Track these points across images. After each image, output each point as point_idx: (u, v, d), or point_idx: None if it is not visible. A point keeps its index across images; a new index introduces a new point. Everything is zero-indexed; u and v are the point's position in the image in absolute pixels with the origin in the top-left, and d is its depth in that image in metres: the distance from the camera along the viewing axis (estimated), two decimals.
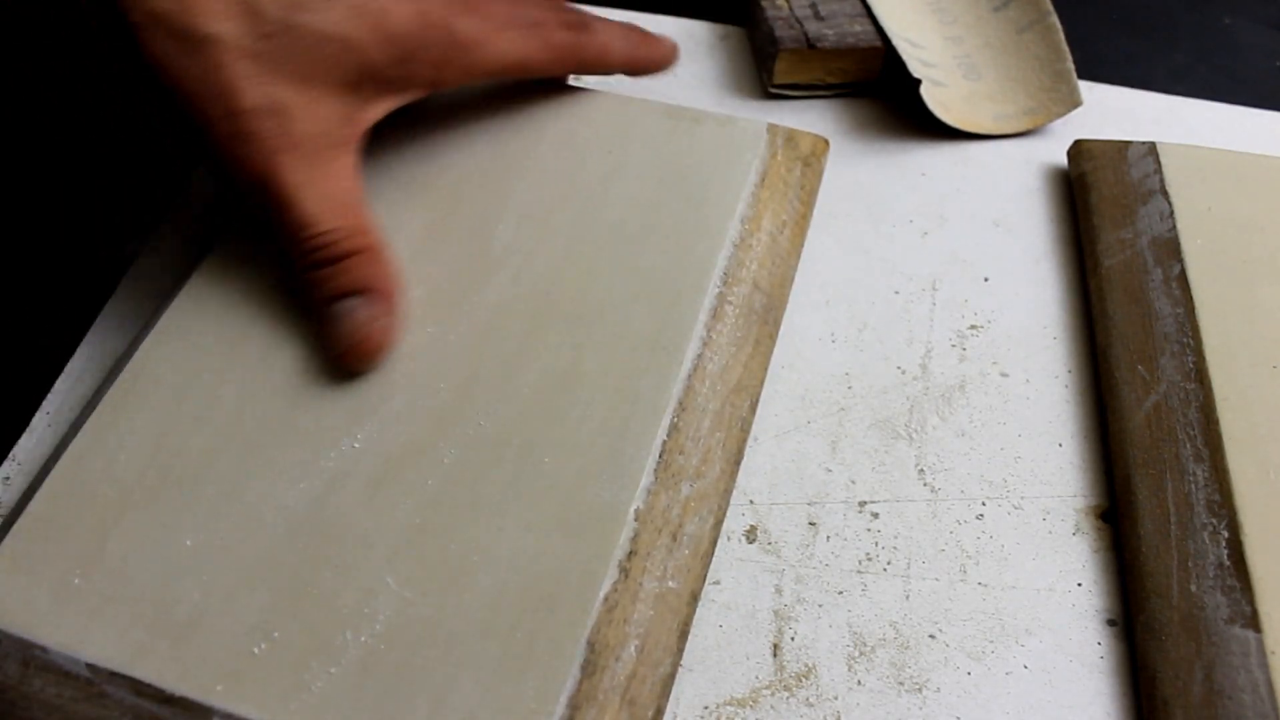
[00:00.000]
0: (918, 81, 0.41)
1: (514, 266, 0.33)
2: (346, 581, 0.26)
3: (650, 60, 0.38)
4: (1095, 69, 0.46)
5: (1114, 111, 0.45)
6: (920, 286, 0.38)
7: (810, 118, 0.44)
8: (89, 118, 0.42)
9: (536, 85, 0.39)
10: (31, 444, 0.31)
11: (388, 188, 0.35)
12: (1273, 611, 0.26)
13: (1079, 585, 0.30)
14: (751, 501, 0.31)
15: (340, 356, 0.30)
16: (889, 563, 0.30)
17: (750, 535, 0.31)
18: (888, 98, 0.44)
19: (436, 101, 0.38)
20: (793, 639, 0.29)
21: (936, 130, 0.42)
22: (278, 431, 0.29)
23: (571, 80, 0.40)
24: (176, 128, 0.30)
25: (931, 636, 0.29)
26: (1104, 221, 0.38)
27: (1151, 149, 0.39)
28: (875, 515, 0.31)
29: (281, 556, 0.26)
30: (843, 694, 0.27)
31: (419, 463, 0.28)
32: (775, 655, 0.28)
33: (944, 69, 0.44)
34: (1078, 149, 0.41)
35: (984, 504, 0.32)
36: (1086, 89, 0.44)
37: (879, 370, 0.35)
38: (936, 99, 0.42)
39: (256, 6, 0.28)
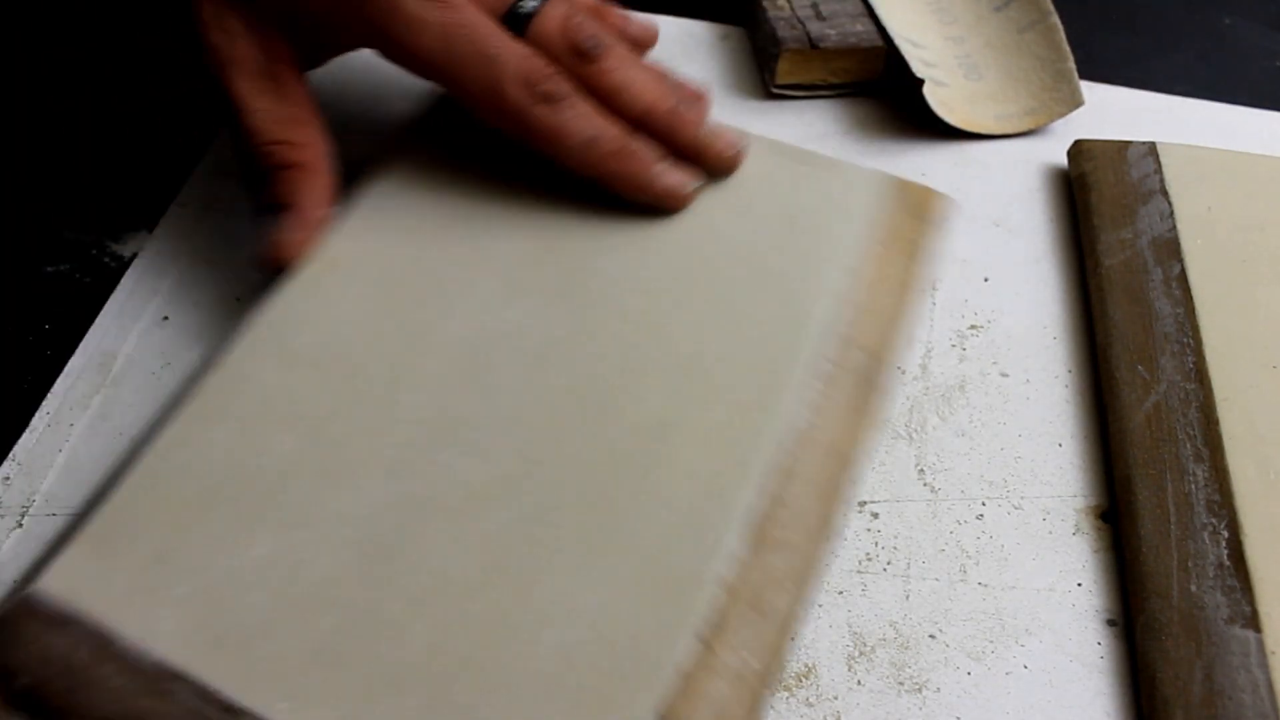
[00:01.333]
0: (921, 81, 0.41)
1: (615, 301, 0.31)
2: (419, 614, 0.25)
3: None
4: (1095, 69, 0.46)
5: (1114, 111, 0.45)
6: None
7: (811, 117, 0.44)
8: (89, 117, 0.42)
9: None
10: (32, 444, 0.31)
11: (486, 212, 0.34)
12: (1273, 611, 0.26)
13: (1079, 585, 0.30)
14: None
15: (255, 262, 0.32)
16: (889, 563, 0.30)
17: None
18: (888, 98, 0.44)
19: None
20: (793, 639, 0.29)
21: (937, 130, 0.42)
22: (364, 448, 0.28)
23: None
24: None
25: (931, 636, 0.29)
26: (1104, 221, 0.38)
27: (1151, 149, 0.39)
28: (875, 515, 0.31)
29: (356, 578, 0.26)
30: (843, 694, 0.27)
31: (504, 499, 0.27)
32: None
33: (945, 69, 0.44)
34: (1078, 149, 0.41)
35: (984, 504, 0.32)
36: (1087, 89, 0.44)
37: None
38: (939, 99, 0.42)
39: None
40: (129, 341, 0.33)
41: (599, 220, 0.34)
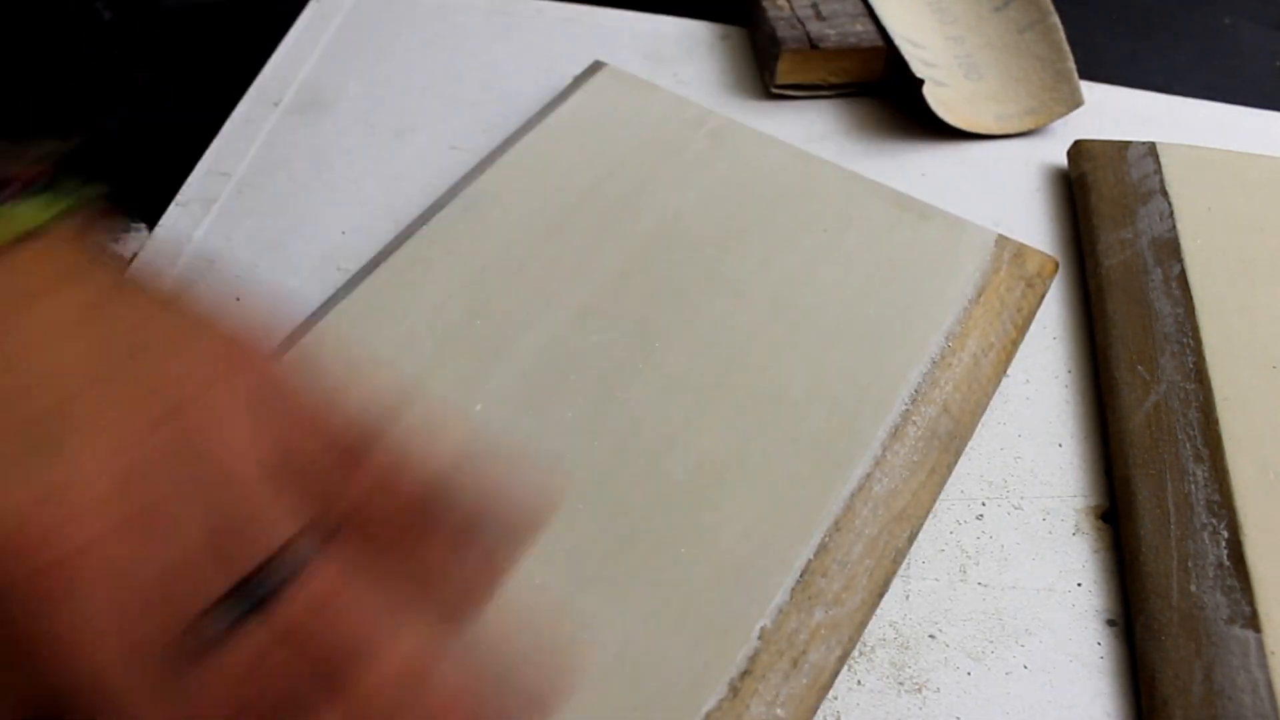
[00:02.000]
0: (921, 82, 0.41)
1: (700, 331, 0.31)
2: None
3: None
4: (1095, 69, 0.46)
5: (1114, 111, 0.45)
6: None
7: (811, 117, 0.44)
8: (88, 117, 0.42)
9: (758, 140, 0.38)
10: None
11: (583, 229, 0.34)
12: (1272, 611, 0.26)
13: (1079, 585, 0.30)
14: None
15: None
16: None
17: None
18: (888, 97, 0.44)
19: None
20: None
21: (937, 130, 0.42)
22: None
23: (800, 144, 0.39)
24: None
25: (931, 636, 0.29)
26: (1104, 221, 0.38)
27: (1151, 149, 0.39)
28: None
29: None
30: (843, 694, 0.27)
31: (555, 519, 0.27)
32: None
33: (945, 69, 0.44)
34: (1078, 149, 0.41)
35: (984, 504, 0.32)
36: (1087, 89, 0.44)
37: None
38: (939, 99, 0.42)
39: None
40: None
41: (700, 246, 0.33)
